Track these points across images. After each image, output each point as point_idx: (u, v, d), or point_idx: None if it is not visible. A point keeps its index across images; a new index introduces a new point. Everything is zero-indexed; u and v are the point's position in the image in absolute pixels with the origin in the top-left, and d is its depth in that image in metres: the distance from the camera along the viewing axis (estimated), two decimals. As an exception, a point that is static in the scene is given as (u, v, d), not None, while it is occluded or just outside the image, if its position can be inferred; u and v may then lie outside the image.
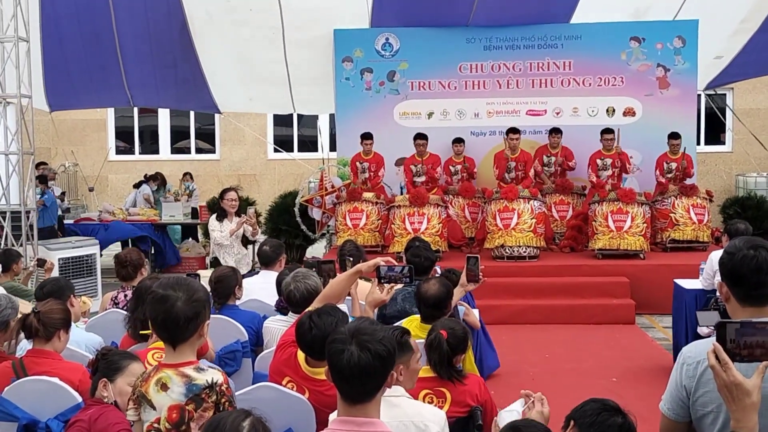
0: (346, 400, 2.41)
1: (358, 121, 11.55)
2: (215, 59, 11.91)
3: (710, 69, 12.25)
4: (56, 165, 16.32)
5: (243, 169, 17.62)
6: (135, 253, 5.74)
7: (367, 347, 2.37)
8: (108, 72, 11.91)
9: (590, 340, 8.19)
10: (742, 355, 1.98)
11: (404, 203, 10.28)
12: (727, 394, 2.02)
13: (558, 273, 9.67)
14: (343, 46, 11.72)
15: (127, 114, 17.88)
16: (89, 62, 11.73)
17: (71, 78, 11.96)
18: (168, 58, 11.84)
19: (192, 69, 11.98)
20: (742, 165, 16.01)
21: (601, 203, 10.05)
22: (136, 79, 12.17)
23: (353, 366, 2.35)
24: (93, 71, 11.90)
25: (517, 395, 2.92)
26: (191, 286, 2.83)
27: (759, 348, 1.96)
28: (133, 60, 11.82)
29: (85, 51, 11.57)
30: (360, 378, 2.36)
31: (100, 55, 11.64)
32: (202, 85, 12.29)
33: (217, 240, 8.28)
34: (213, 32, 11.49)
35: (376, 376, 2.39)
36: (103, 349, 3.44)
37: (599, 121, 11.43)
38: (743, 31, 11.62)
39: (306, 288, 4.29)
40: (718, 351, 2.00)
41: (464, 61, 11.64)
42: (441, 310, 4.34)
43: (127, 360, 3.33)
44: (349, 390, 2.39)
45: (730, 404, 2.03)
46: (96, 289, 9.87)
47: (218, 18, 11.26)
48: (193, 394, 2.70)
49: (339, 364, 2.37)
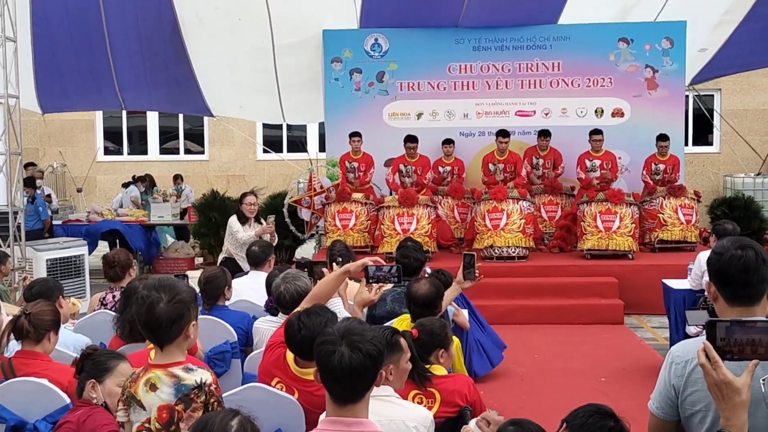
0: (335, 400, 2.41)
1: (347, 121, 11.55)
2: (207, 62, 11.85)
3: (695, 63, 12.21)
4: (44, 166, 16.24)
5: (232, 170, 17.60)
6: (123, 254, 5.71)
7: (358, 347, 2.37)
8: (99, 74, 11.83)
9: (579, 340, 8.21)
10: (732, 353, 2.00)
11: (393, 204, 10.28)
12: (717, 392, 2.03)
13: (547, 273, 9.70)
14: (332, 46, 11.71)
15: (115, 114, 17.83)
16: (80, 64, 11.65)
17: (62, 80, 11.89)
18: (159, 59, 11.76)
19: (184, 71, 11.89)
20: (730, 166, 16.12)
21: (590, 204, 10.09)
22: (127, 81, 12.08)
23: (344, 367, 2.35)
24: (84, 73, 11.81)
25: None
26: (174, 287, 2.81)
27: (749, 346, 1.98)
28: (124, 61, 11.74)
29: (76, 52, 11.49)
30: (351, 378, 2.37)
31: (91, 57, 11.54)
32: (194, 88, 12.19)
33: (242, 239, 8.35)
34: (204, 35, 11.43)
35: (366, 376, 2.39)
36: (88, 349, 3.40)
37: (588, 121, 11.47)
38: (727, 22, 11.56)
39: (296, 289, 4.29)
40: (708, 349, 2.01)
41: (453, 62, 11.66)
42: (431, 309, 4.33)
43: (114, 360, 3.31)
44: (339, 391, 2.39)
45: (719, 402, 2.04)
46: (84, 290, 9.82)
47: (208, 22, 11.21)
48: (182, 395, 2.69)
49: (330, 365, 2.37)
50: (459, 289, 4.96)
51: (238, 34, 11.29)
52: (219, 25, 11.22)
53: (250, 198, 8.54)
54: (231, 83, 12.19)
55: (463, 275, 4.82)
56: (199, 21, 11.21)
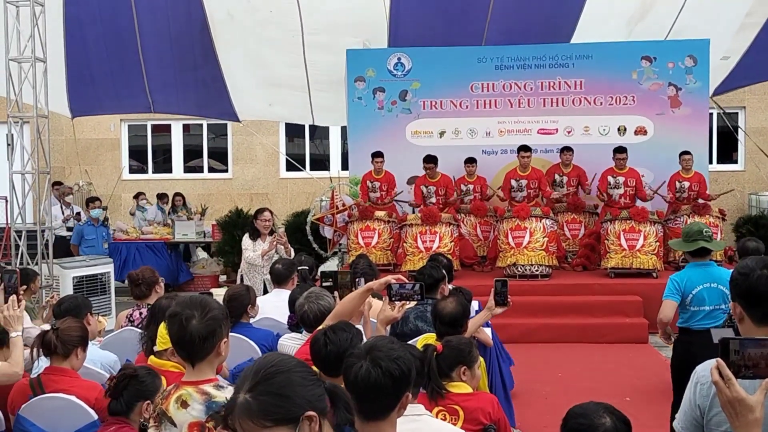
0: (359, 415, 2.42)
1: (370, 140, 11.61)
2: (236, 60, 11.85)
3: (717, 72, 12.01)
4: (71, 184, 16.44)
5: (255, 188, 17.71)
6: (148, 272, 5.73)
7: (379, 364, 2.39)
8: (129, 74, 11.87)
9: (603, 359, 8.16)
10: (746, 370, 1.99)
11: (416, 222, 10.30)
12: (730, 410, 2.03)
13: (570, 292, 9.66)
14: (356, 66, 11.81)
15: (140, 133, 18.03)
16: (112, 65, 11.70)
17: (94, 82, 11.95)
18: (188, 58, 11.79)
19: (212, 71, 11.90)
20: (755, 184, 15.97)
21: (614, 222, 10.04)
22: (156, 81, 12.11)
23: (361, 380, 2.38)
24: (115, 74, 11.85)
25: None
26: (206, 304, 2.83)
27: (763, 361, 1.97)
28: (154, 61, 11.79)
29: (108, 52, 11.54)
30: (369, 393, 2.38)
31: (123, 58, 11.60)
32: (221, 89, 12.21)
33: (249, 259, 8.25)
34: (234, 32, 11.44)
35: (386, 393, 2.40)
36: (129, 369, 3.44)
37: (611, 140, 11.44)
38: (749, 26, 11.36)
39: (319, 308, 4.31)
40: (721, 367, 2.01)
41: (476, 81, 11.71)
42: (456, 328, 4.34)
43: (158, 379, 3.36)
44: (360, 405, 2.41)
45: (733, 420, 2.03)
46: (110, 308, 9.91)
47: (239, 18, 11.20)
48: (213, 412, 2.71)
49: (349, 377, 2.41)
50: (489, 315, 4.92)
51: (268, 29, 11.27)
52: (250, 19, 11.20)
53: (266, 214, 8.36)
54: (261, 79, 12.12)
55: (495, 301, 4.80)
56: (230, 18, 11.19)
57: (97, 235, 11.70)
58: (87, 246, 11.45)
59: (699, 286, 5.16)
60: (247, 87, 12.30)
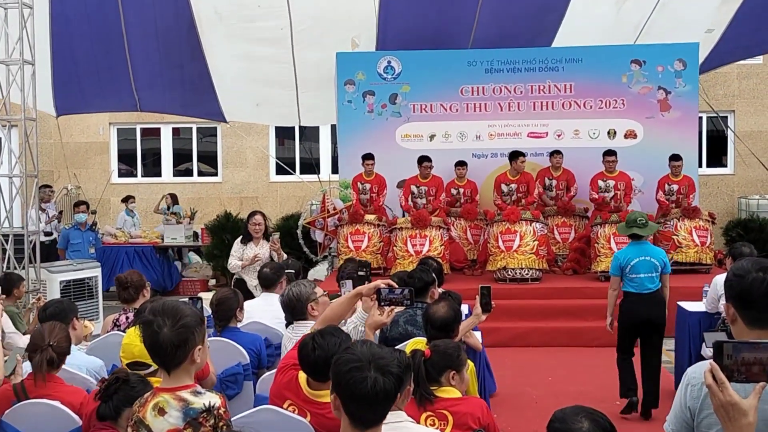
0: (357, 425, 2.37)
1: (360, 143, 11.58)
2: (223, 58, 11.75)
3: (703, 47, 11.77)
4: (59, 188, 16.36)
5: (245, 192, 17.65)
6: (136, 275, 5.69)
7: (389, 371, 2.36)
8: (116, 73, 11.74)
9: (593, 362, 8.14)
10: (740, 374, 1.97)
11: (406, 225, 10.28)
12: (723, 414, 2.01)
13: (560, 295, 9.65)
14: (346, 69, 11.79)
15: (129, 137, 17.95)
16: (98, 63, 11.58)
17: (80, 80, 11.83)
18: (175, 55, 11.67)
19: (199, 69, 11.78)
20: (744, 187, 16.03)
21: (603, 225, 10.05)
22: (143, 79, 11.98)
23: (379, 391, 2.32)
24: (102, 72, 11.73)
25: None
26: (178, 312, 2.75)
27: (756, 365, 1.95)
28: (142, 59, 11.67)
29: (94, 50, 11.42)
30: (382, 402, 2.35)
31: (109, 55, 11.48)
32: (208, 88, 12.09)
33: (230, 266, 8.29)
34: (221, 30, 11.34)
35: (393, 398, 2.39)
36: (122, 373, 3.39)
37: (600, 143, 11.44)
38: None
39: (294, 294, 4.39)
40: (714, 370, 1.99)
41: (466, 84, 11.70)
42: (448, 333, 4.32)
43: (149, 385, 3.31)
44: (367, 415, 2.36)
45: (726, 424, 2.01)
46: (97, 312, 9.84)
47: (227, 15, 11.10)
48: (191, 418, 2.66)
49: (362, 391, 2.32)
50: (477, 321, 4.96)
51: (256, 23, 11.16)
52: (237, 15, 11.11)
53: (257, 217, 8.31)
54: (247, 77, 12.01)
55: (481, 307, 4.83)
56: (218, 15, 11.11)
57: (83, 239, 11.62)
58: (73, 250, 11.38)
59: (636, 259, 6.46)
60: (233, 86, 12.19)
